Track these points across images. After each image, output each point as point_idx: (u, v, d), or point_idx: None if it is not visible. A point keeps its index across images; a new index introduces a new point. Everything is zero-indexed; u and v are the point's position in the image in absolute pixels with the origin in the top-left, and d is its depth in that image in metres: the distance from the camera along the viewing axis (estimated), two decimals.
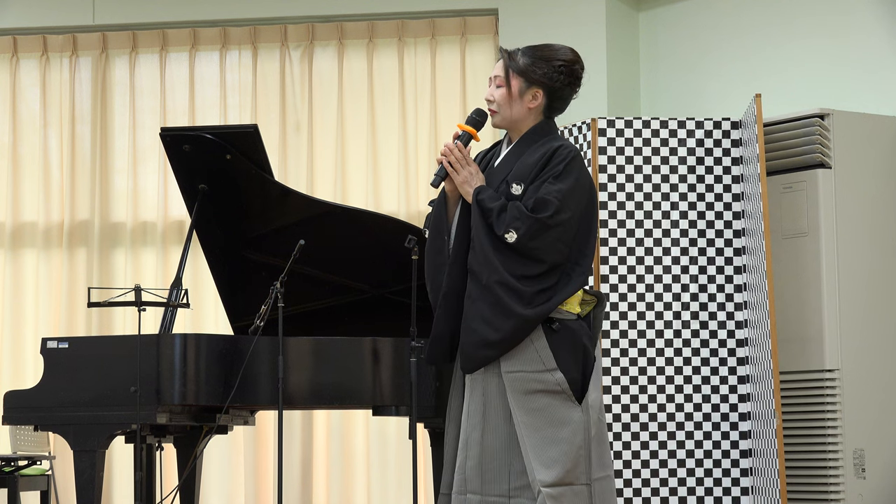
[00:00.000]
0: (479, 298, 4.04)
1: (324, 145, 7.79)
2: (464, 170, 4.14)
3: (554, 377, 4.02)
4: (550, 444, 4.01)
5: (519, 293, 4.00)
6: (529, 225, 4.01)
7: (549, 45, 4.24)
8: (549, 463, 3.99)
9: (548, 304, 4.03)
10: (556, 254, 4.05)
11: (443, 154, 4.16)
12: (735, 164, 6.26)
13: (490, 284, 4.02)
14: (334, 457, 7.54)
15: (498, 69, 4.20)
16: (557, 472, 3.98)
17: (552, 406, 4.03)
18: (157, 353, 5.08)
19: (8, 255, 7.84)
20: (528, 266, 4.03)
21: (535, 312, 4.01)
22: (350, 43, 7.82)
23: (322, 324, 5.78)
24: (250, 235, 5.65)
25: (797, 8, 6.97)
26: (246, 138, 5.43)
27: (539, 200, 4.04)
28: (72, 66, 7.91)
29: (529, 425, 4.01)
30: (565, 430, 4.02)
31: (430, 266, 4.19)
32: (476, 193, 4.11)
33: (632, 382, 6.13)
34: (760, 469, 5.96)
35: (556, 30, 7.40)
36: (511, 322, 4.00)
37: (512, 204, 4.05)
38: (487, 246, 4.05)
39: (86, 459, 5.08)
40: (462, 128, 4.20)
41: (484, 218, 4.07)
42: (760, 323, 5.89)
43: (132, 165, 7.83)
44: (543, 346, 4.04)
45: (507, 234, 4.02)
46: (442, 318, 4.13)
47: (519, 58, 4.18)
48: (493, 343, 4.02)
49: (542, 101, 4.19)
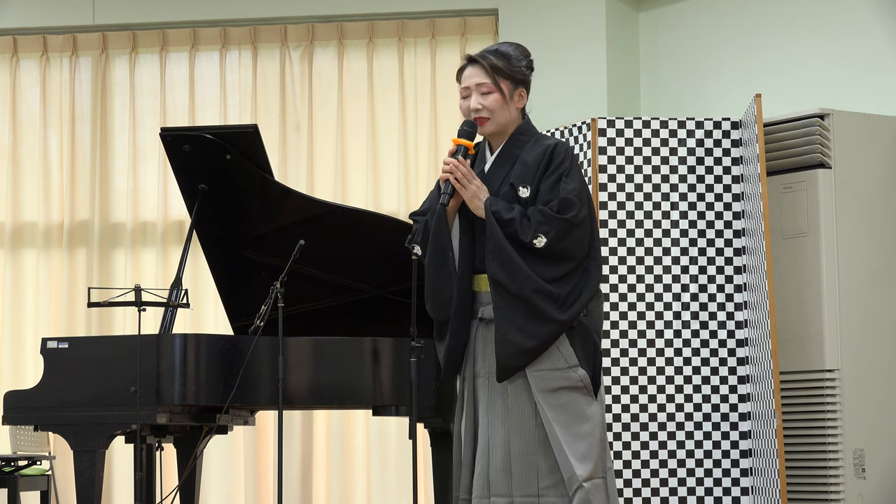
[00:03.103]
0: (509, 308, 4.05)
1: (324, 145, 7.79)
2: (471, 184, 4.12)
3: (577, 373, 4.06)
4: (579, 439, 4.05)
5: (554, 297, 4.03)
6: (559, 227, 4.03)
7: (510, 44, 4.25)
8: (582, 457, 4.03)
9: (578, 305, 4.07)
10: (580, 251, 4.09)
11: (448, 171, 4.12)
12: (735, 164, 6.26)
13: (523, 293, 4.02)
14: (334, 457, 7.54)
15: (478, 77, 4.15)
16: (590, 466, 4.03)
17: (575, 401, 4.06)
18: (157, 353, 5.08)
19: (8, 255, 7.85)
20: (556, 267, 4.05)
21: (570, 315, 4.05)
22: (350, 43, 7.82)
23: (322, 324, 5.78)
24: (250, 235, 5.65)
25: (797, 8, 6.97)
26: (246, 138, 5.43)
27: (563, 201, 4.05)
28: (72, 66, 7.91)
29: (559, 421, 4.05)
30: (588, 424, 4.06)
31: (433, 282, 4.17)
32: (489, 205, 4.09)
33: (632, 382, 6.13)
34: (760, 469, 5.96)
35: (556, 30, 7.40)
36: (548, 328, 4.03)
37: (533, 209, 4.06)
38: (514, 255, 4.04)
39: (86, 459, 5.08)
40: (459, 142, 4.14)
41: (503, 228, 4.06)
42: (760, 323, 5.89)
43: (132, 165, 7.83)
44: (565, 344, 4.07)
45: (536, 239, 4.02)
46: (456, 333, 4.14)
47: (497, 61, 4.16)
48: (529, 350, 4.05)
49: (525, 99, 4.22)
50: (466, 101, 4.19)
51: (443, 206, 4.12)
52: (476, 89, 4.16)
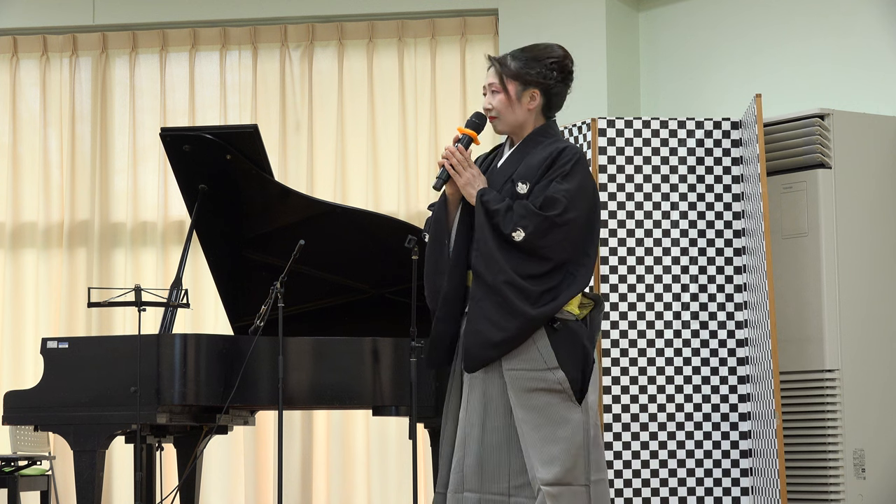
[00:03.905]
0: (483, 299, 4.05)
1: (324, 145, 7.79)
2: (466, 172, 4.15)
3: (555, 376, 4.03)
4: (550, 443, 4.01)
5: (526, 292, 4.01)
6: (538, 223, 4.03)
7: (536, 45, 4.29)
8: (549, 461, 3.99)
9: (553, 304, 4.04)
10: (561, 252, 4.06)
11: (444, 157, 4.17)
12: (735, 164, 6.26)
13: (496, 284, 4.02)
14: (334, 457, 7.54)
15: (491, 77, 4.22)
16: (557, 471, 3.99)
17: (552, 404, 4.04)
18: (157, 353, 5.09)
19: (8, 255, 7.85)
20: (533, 265, 4.04)
21: (540, 312, 4.02)
22: (350, 43, 7.82)
23: (322, 324, 5.78)
24: (250, 235, 5.65)
25: (797, 8, 6.98)
26: (246, 138, 5.43)
27: (548, 198, 4.05)
28: (72, 66, 7.91)
29: (529, 423, 4.02)
30: (565, 428, 4.03)
31: (429, 270, 4.20)
32: (480, 195, 4.11)
33: (632, 382, 6.13)
34: (760, 469, 5.95)
35: (556, 29, 7.40)
36: (517, 322, 4.01)
37: (518, 203, 4.07)
38: (493, 246, 4.05)
39: (86, 459, 5.09)
40: (462, 131, 4.21)
41: (489, 219, 4.07)
42: (760, 323, 5.89)
43: (132, 165, 7.83)
44: (545, 345, 4.04)
45: (515, 232, 4.03)
46: (442, 320, 4.14)
47: (510, 62, 4.21)
48: (498, 343, 4.03)
49: (539, 100, 4.23)
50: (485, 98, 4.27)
51: (435, 189, 4.17)
52: (488, 88, 4.23)
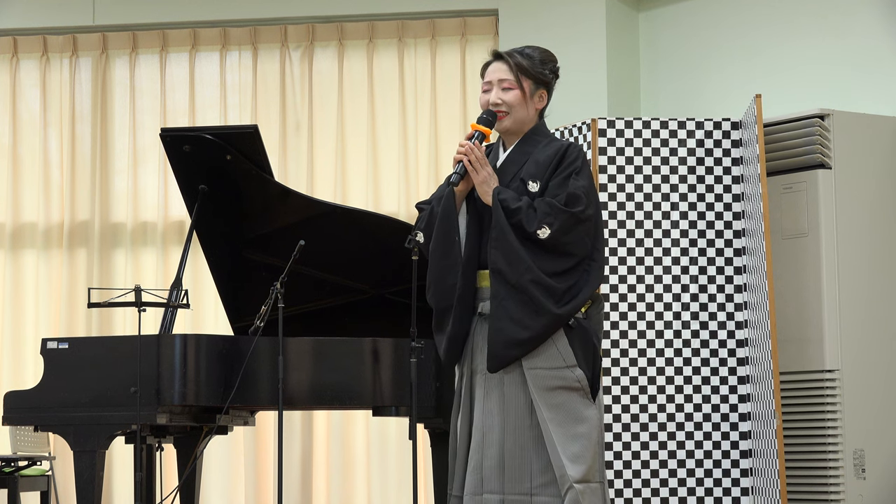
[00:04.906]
0: (506, 297, 4.04)
1: (324, 145, 7.79)
2: (483, 169, 4.14)
3: (574, 374, 4.05)
4: (573, 440, 4.04)
5: (551, 290, 4.02)
6: (564, 220, 4.03)
7: (537, 47, 4.31)
8: (575, 458, 4.02)
9: (574, 302, 4.06)
10: (583, 248, 4.09)
11: (462, 153, 4.13)
12: (735, 164, 6.25)
13: (522, 283, 4.02)
14: (334, 457, 7.54)
15: (501, 73, 4.21)
16: (583, 468, 4.02)
17: (571, 402, 4.06)
18: (157, 353, 5.09)
19: (8, 256, 7.85)
20: (557, 262, 4.05)
21: (566, 310, 4.04)
22: (350, 43, 7.82)
23: (322, 324, 5.78)
24: (250, 236, 5.65)
25: (797, 8, 6.97)
26: (246, 139, 5.44)
27: (571, 195, 4.06)
28: (72, 66, 7.91)
29: (554, 420, 4.03)
30: (584, 426, 4.05)
31: (437, 268, 4.17)
32: (497, 193, 4.10)
33: (632, 383, 6.13)
34: (760, 469, 5.96)
35: (556, 30, 7.40)
36: (542, 320, 4.02)
37: (540, 201, 4.07)
38: (516, 244, 4.04)
39: (86, 460, 5.09)
40: (476, 127, 4.18)
41: (509, 217, 4.06)
42: (760, 323, 5.89)
43: (132, 165, 7.83)
44: (563, 344, 4.06)
45: (540, 230, 4.02)
46: (458, 318, 4.13)
47: (522, 60, 4.20)
48: (523, 342, 4.04)
49: (545, 101, 4.25)
50: (486, 94, 4.24)
51: (452, 185, 4.12)
52: (498, 84, 4.21)
